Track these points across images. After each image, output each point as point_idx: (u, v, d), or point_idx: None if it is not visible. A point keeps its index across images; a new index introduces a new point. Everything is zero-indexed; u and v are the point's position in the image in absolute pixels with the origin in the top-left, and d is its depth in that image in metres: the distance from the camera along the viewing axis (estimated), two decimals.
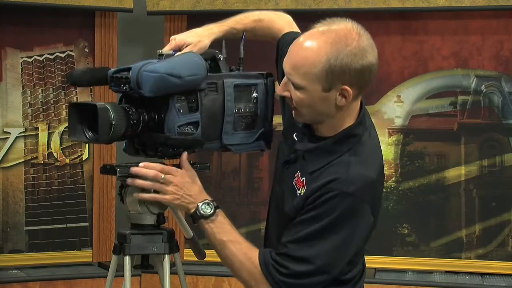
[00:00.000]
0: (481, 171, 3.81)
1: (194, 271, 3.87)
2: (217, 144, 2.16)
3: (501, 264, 3.80)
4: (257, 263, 1.99)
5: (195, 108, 2.08)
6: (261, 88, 2.21)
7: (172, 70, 2.00)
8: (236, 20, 2.29)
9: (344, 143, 1.98)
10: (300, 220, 1.96)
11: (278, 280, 1.96)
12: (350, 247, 1.96)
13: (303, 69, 1.92)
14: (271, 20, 2.34)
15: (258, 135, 2.22)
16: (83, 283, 3.84)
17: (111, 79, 2.03)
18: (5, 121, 3.84)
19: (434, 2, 3.70)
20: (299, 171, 2.02)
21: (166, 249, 2.15)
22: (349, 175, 1.93)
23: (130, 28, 4.14)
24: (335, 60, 1.89)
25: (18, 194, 3.87)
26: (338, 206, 1.91)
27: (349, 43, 1.90)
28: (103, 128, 1.95)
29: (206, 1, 3.86)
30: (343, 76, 1.91)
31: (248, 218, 4.01)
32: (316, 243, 1.93)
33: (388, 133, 3.88)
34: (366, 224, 1.97)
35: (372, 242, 2.07)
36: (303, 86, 1.93)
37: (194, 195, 2.04)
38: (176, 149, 2.07)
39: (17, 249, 3.88)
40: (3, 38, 3.81)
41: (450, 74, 3.83)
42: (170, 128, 2.04)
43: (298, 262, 1.95)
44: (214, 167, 3.99)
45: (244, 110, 2.18)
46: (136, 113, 2.02)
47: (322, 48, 1.90)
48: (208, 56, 2.20)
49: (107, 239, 3.97)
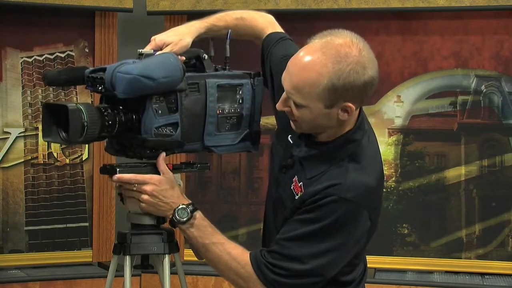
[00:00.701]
0: (481, 171, 3.81)
1: (194, 271, 3.87)
2: (199, 146, 2.13)
3: (501, 264, 3.80)
4: (244, 262, 1.98)
5: (175, 109, 2.05)
6: (247, 88, 2.18)
7: (145, 72, 1.95)
8: (217, 18, 2.27)
9: (343, 149, 1.97)
10: (296, 219, 1.96)
11: (271, 280, 1.95)
12: (345, 251, 1.95)
13: (304, 90, 1.89)
14: (253, 19, 2.31)
15: (243, 136, 2.19)
16: (83, 283, 3.84)
17: (87, 79, 2.00)
18: (5, 121, 3.84)
19: (434, 2, 3.70)
20: (296, 176, 2.01)
21: (166, 249, 2.14)
22: (348, 181, 1.92)
23: (130, 28, 4.13)
24: (337, 80, 1.86)
25: (18, 194, 3.87)
26: (336, 211, 1.91)
27: (350, 61, 1.86)
28: (74, 129, 1.92)
29: (206, 1, 3.86)
30: (346, 94, 1.88)
31: (248, 218, 4.01)
32: (309, 244, 1.93)
33: (388, 133, 3.88)
34: (362, 229, 1.96)
35: (372, 242, 2.07)
36: (304, 105, 1.91)
37: (171, 202, 2.03)
38: (154, 150, 2.05)
39: (17, 249, 3.88)
40: (3, 38, 3.81)
41: (450, 74, 3.83)
42: (147, 129, 2.01)
43: (289, 260, 1.93)
44: (214, 167, 3.99)
45: (229, 110, 2.15)
46: (111, 114, 1.99)
47: (323, 68, 1.86)
48: (192, 55, 2.17)
49: (107, 239, 3.97)
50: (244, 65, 2.27)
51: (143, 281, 3.91)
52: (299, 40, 2.01)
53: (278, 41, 2.25)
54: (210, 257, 2.03)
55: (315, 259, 1.93)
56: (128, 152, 2.08)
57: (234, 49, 2.24)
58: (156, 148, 2.05)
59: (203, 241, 2.02)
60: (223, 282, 3.88)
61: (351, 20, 3.81)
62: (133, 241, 2.13)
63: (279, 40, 2.25)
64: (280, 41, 2.25)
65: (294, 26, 3.80)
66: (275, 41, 2.25)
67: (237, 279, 2.00)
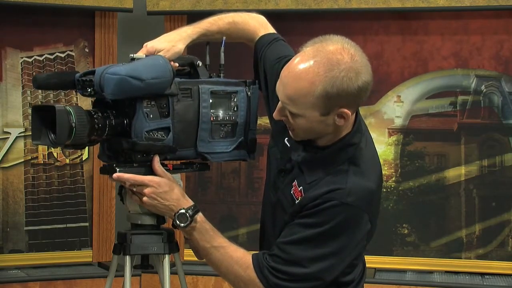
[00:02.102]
0: (481, 171, 3.81)
1: (194, 271, 3.87)
2: (192, 152, 2.12)
3: (501, 264, 3.80)
4: (246, 265, 1.98)
5: (166, 114, 2.04)
6: (242, 95, 2.16)
7: (134, 73, 1.95)
8: (210, 22, 2.26)
9: (342, 153, 1.97)
10: (297, 223, 1.96)
11: (272, 283, 1.95)
12: (345, 255, 1.96)
13: (299, 100, 1.89)
14: (245, 21, 2.31)
15: (238, 144, 2.18)
16: (83, 283, 3.84)
17: (78, 82, 1.99)
18: (5, 121, 3.84)
19: (434, 2, 3.70)
20: (296, 180, 2.01)
21: (166, 249, 2.14)
22: (349, 185, 1.92)
23: (130, 28, 4.14)
24: (331, 88, 1.86)
25: (18, 194, 3.87)
26: (337, 215, 1.91)
27: (342, 68, 1.86)
28: (61, 130, 1.90)
29: (206, 1, 3.86)
30: (340, 100, 1.88)
31: (248, 218, 4.01)
32: (310, 248, 1.93)
33: (388, 133, 3.87)
34: (362, 232, 1.97)
35: (372, 242, 2.07)
36: (300, 114, 1.91)
37: (170, 204, 2.02)
38: (145, 155, 2.03)
39: (17, 249, 3.88)
40: (3, 38, 3.81)
41: (450, 74, 3.83)
42: (138, 133, 2.00)
43: (290, 264, 1.94)
44: (214, 167, 3.99)
45: (223, 117, 2.14)
46: (101, 117, 1.98)
47: (316, 77, 1.86)
48: (186, 62, 2.17)
49: (107, 239, 3.97)
50: (239, 74, 2.27)
51: (143, 281, 3.91)
52: (299, 40, 2.01)
53: (271, 42, 2.25)
54: (211, 260, 2.04)
55: (316, 263, 1.93)
56: (119, 157, 2.06)
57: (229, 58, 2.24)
58: (147, 152, 2.03)
59: (204, 245, 2.02)
60: (223, 282, 3.88)
61: (351, 20, 3.81)
62: (133, 241, 2.13)
63: (272, 42, 2.26)
64: (273, 42, 2.26)
65: (294, 26, 3.82)
66: (268, 43, 2.26)
67: (238, 282, 2.01)
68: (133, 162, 2.04)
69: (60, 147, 2.10)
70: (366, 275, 2.14)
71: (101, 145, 2.08)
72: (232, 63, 2.31)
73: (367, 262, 2.15)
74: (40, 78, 2.06)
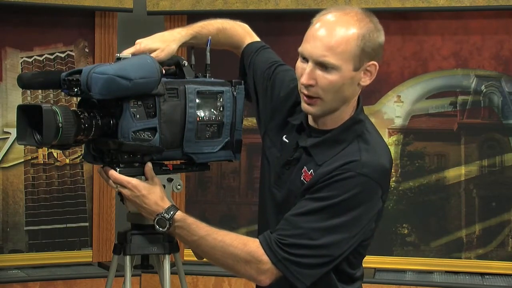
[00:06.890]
0: (481, 171, 3.81)
1: (194, 271, 3.88)
2: (178, 152, 2.11)
3: (501, 264, 3.80)
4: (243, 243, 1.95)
5: (153, 114, 2.03)
6: (228, 96, 2.16)
7: (121, 72, 1.93)
8: (201, 26, 2.28)
9: (350, 130, 1.98)
10: (308, 198, 1.94)
11: (282, 258, 1.92)
12: (355, 231, 1.93)
13: (339, 48, 1.91)
14: (233, 28, 2.34)
15: (224, 144, 2.18)
16: (83, 283, 3.84)
17: (63, 81, 1.96)
18: (5, 121, 3.84)
19: (434, 2, 3.70)
20: (305, 166, 2.00)
21: (166, 249, 2.14)
22: (363, 158, 1.93)
23: (130, 28, 4.13)
24: (367, 36, 1.92)
25: (18, 194, 3.87)
26: (352, 187, 1.90)
27: (369, 20, 1.95)
28: (48, 129, 1.87)
29: (206, 1, 3.86)
30: (372, 51, 1.94)
31: (248, 218, 4.01)
32: (321, 220, 1.90)
33: (388, 133, 3.88)
34: (374, 209, 1.95)
35: (372, 242, 2.06)
36: (338, 65, 1.91)
37: (148, 208, 2.02)
38: (132, 156, 2.02)
39: (17, 249, 3.88)
40: (3, 38, 3.81)
41: (450, 74, 3.83)
42: (124, 133, 1.99)
43: (299, 237, 1.91)
44: (214, 167, 3.99)
45: (209, 118, 2.13)
46: (88, 117, 1.96)
47: (353, 26, 1.92)
48: (172, 62, 2.17)
49: (107, 239, 3.97)
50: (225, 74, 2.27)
51: (143, 281, 3.91)
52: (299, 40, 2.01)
53: (259, 49, 2.29)
54: (204, 251, 2.00)
55: (325, 236, 1.90)
56: (105, 158, 2.05)
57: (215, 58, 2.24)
58: (133, 153, 2.02)
59: (192, 239, 2.00)
60: (223, 282, 3.89)
61: None
62: (133, 241, 2.13)
63: (260, 49, 2.29)
64: (261, 49, 2.29)
65: (294, 26, 3.82)
66: (256, 49, 2.29)
67: (236, 264, 1.96)
68: (119, 163, 2.02)
69: (46, 147, 2.08)
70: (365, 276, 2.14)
71: (86, 145, 2.07)
72: (218, 63, 2.31)
73: (367, 262, 2.15)
74: (25, 77, 2.03)
